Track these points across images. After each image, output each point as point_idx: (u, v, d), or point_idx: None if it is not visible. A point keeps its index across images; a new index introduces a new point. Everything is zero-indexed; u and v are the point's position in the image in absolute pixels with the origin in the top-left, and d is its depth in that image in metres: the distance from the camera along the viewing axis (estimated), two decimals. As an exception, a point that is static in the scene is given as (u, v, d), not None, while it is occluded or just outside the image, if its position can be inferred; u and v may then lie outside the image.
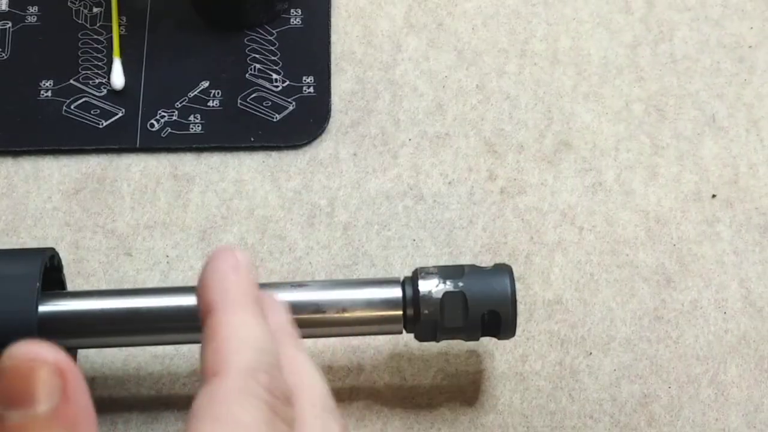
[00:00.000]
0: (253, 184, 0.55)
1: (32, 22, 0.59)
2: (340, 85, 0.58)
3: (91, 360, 0.51)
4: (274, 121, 0.57)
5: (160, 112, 0.57)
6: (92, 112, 0.57)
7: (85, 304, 0.47)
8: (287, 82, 0.58)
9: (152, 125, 0.57)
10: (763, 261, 0.54)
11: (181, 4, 0.59)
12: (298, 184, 0.55)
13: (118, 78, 0.57)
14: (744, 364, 0.52)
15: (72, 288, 0.52)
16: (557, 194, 0.55)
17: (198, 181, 0.55)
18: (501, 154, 0.56)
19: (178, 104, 0.57)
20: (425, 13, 0.60)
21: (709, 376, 0.51)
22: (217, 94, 0.57)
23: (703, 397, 0.51)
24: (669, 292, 0.53)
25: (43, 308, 0.46)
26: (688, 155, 0.56)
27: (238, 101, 0.57)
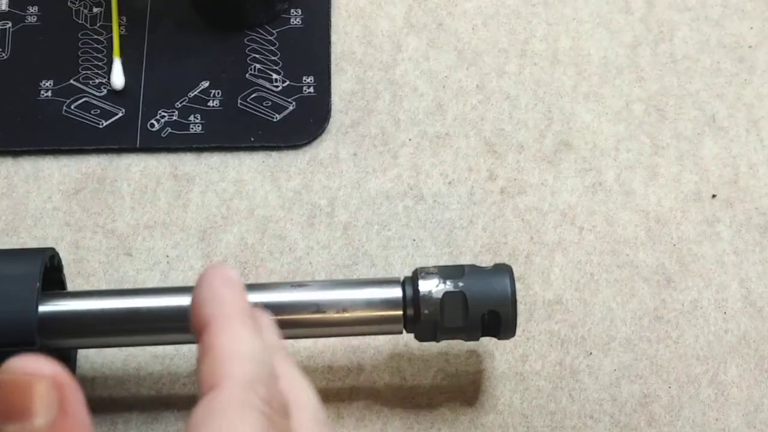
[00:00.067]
0: (253, 184, 0.55)
1: (32, 22, 0.59)
2: (340, 85, 0.58)
3: (91, 360, 0.51)
4: (274, 121, 0.57)
5: (160, 112, 0.57)
6: (92, 112, 0.57)
7: (85, 304, 0.47)
8: (287, 82, 0.58)
9: (152, 125, 0.57)
10: (763, 261, 0.54)
11: (181, 4, 0.59)
12: (298, 184, 0.55)
13: (118, 78, 0.57)
14: (744, 364, 0.52)
15: (72, 288, 0.52)
16: (557, 194, 0.55)
17: (198, 181, 0.55)
18: (501, 154, 0.56)
19: (178, 104, 0.57)
20: (425, 13, 0.60)
21: (709, 376, 0.51)
22: (217, 94, 0.57)
23: (703, 397, 0.51)
24: (669, 292, 0.53)
25: (43, 308, 0.46)
26: (688, 155, 0.56)
27: (238, 101, 0.57)
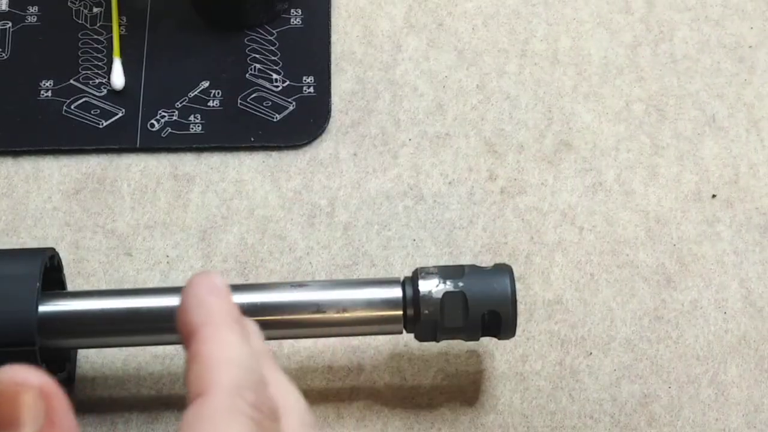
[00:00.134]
0: (253, 184, 0.55)
1: (32, 22, 0.59)
2: (340, 85, 0.58)
3: (91, 360, 0.51)
4: (274, 121, 0.57)
5: (160, 112, 0.57)
6: (92, 112, 0.57)
7: (85, 304, 0.47)
8: (287, 82, 0.58)
9: (152, 125, 0.57)
10: (763, 261, 0.54)
11: (181, 4, 0.59)
12: (298, 184, 0.55)
13: (118, 78, 0.57)
14: (744, 364, 0.52)
15: (72, 288, 0.52)
16: (557, 194, 0.55)
17: (198, 181, 0.55)
18: (501, 154, 0.56)
19: (178, 104, 0.57)
20: (425, 13, 0.60)
21: (709, 376, 0.51)
22: (217, 94, 0.57)
23: (703, 397, 0.51)
24: (669, 292, 0.53)
25: (43, 308, 0.46)
26: (689, 155, 0.56)
27: (238, 101, 0.57)
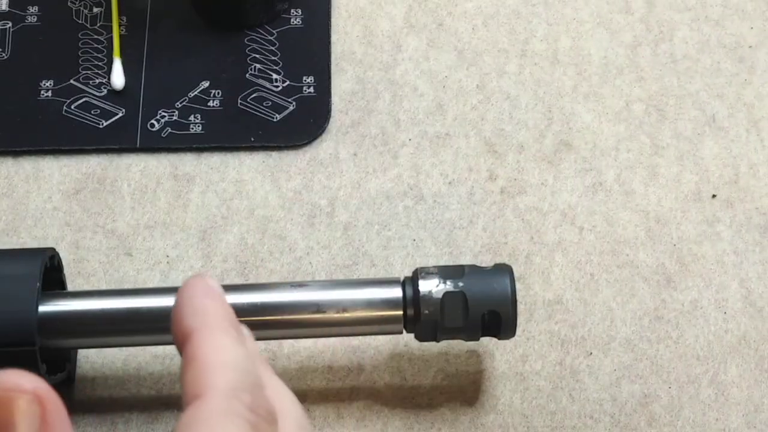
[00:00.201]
0: (253, 184, 0.55)
1: (32, 22, 0.59)
2: (341, 85, 0.58)
3: (91, 360, 0.51)
4: (275, 121, 0.57)
5: (160, 112, 0.57)
6: (92, 112, 0.57)
7: (85, 304, 0.47)
8: (287, 82, 0.58)
9: (152, 125, 0.57)
10: (763, 261, 0.54)
11: (181, 4, 0.59)
12: (298, 184, 0.55)
13: (118, 78, 0.57)
14: (744, 364, 0.52)
15: (72, 288, 0.52)
16: (557, 194, 0.55)
17: (198, 181, 0.55)
18: (501, 154, 0.56)
19: (178, 104, 0.57)
20: (425, 13, 0.60)
21: (710, 376, 0.51)
22: (218, 94, 0.57)
23: (703, 397, 0.51)
24: (669, 292, 0.53)
25: (43, 308, 0.46)
26: (689, 155, 0.56)
27: (238, 101, 0.57)
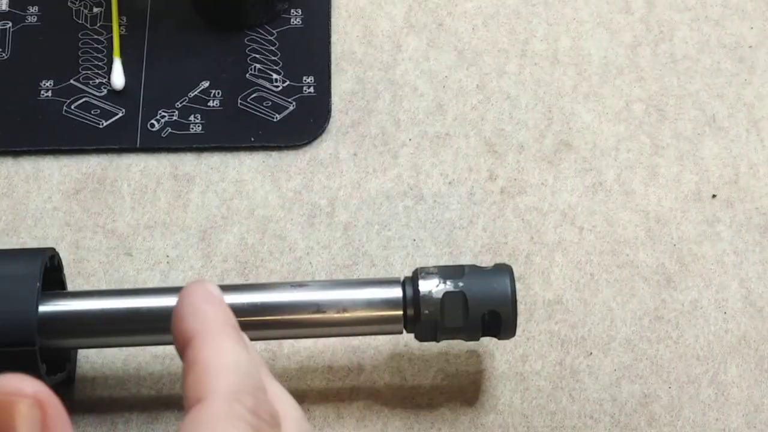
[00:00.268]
0: (253, 184, 0.55)
1: (32, 22, 0.59)
2: (341, 85, 0.58)
3: (91, 360, 0.51)
4: (275, 121, 0.57)
5: (160, 112, 0.57)
6: (92, 112, 0.57)
7: (85, 304, 0.47)
8: (287, 82, 0.58)
9: (152, 125, 0.57)
10: (763, 261, 0.54)
11: (181, 4, 0.59)
12: (298, 184, 0.55)
13: (118, 78, 0.57)
14: (744, 364, 0.52)
15: (72, 288, 0.52)
16: (557, 194, 0.55)
17: (198, 181, 0.55)
18: (501, 154, 0.56)
19: (178, 104, 0.57)
20: (425, 13, 0.60)
21: (710, 376, 0.51)
22: (218, 94, 0.57)
23: (703, 397, 0.51)
24: (669, 292, 0.53)
25: (43, 308, 0.46)
26: (689, 155, 0.56)
27: (239, 101, 0.57)
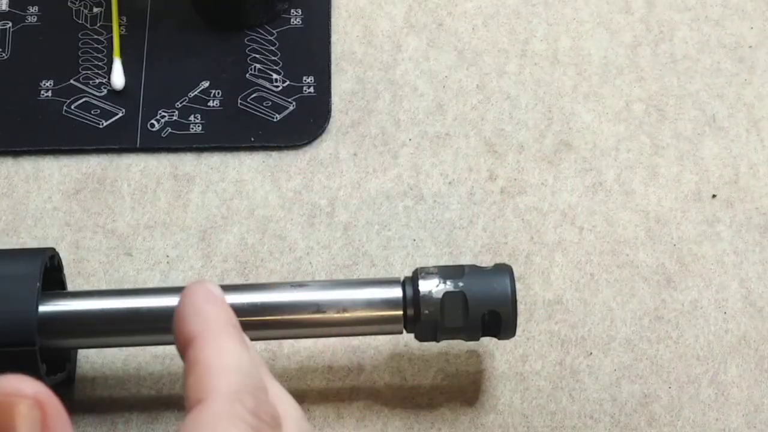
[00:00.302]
0: (253, 184, 0.55)
1: (32, 22, 0.59)
2: (341, 85, 0.58)
3: (91, 360, 0.51)
4: (275, 121, 0.57)
5: (160, 112, 0.57)
6: (92, 112, 0.57)
7: (85, 304, 0.47)
8: (287, 82, 0.58)
9: (152, 125, 0.57)
10: (763, 261, 0.54)
11: (181, 4, 0.59)
12: (298, 184, 0.55)
13: (118, 78, 0.57)
14: (744, 364, 0.52)
15: (72, 288, 0.52)
16: (557, 194, 0.55)
17: (198, 181, 0.55)
18: (501, 154, 0.56)
19: (178, 104, 0.57)
20: (425, 13, 0.60)
21: (710, 376, 0.51)
22: (218, 94, 0.57)
23: (703, 397, 0.51)
24: (669, 292, 0.53)
25: (43, 308, 0.46)
26: (689, 155, 0.56)
27: (239, 101, 0.57)
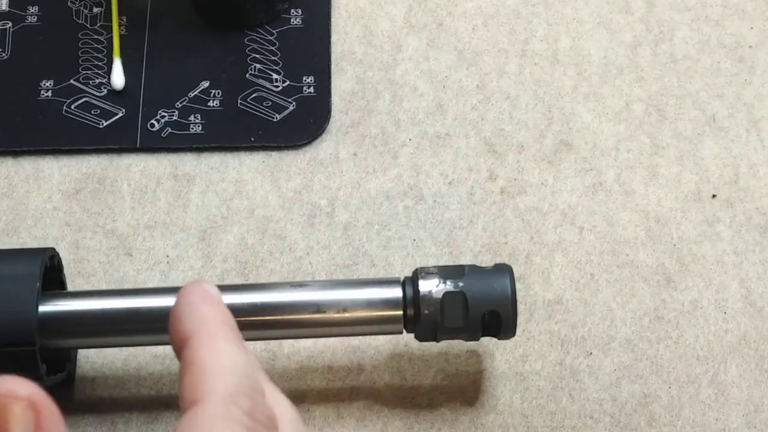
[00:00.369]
0: (253, 184, 0.55)
1: (32, 22, 0.59)
2: (341, 85, 0.58)
3: (91, 360, 0.51)
4: (275, 121, 0.57)
5: (160, 112, 0.57)
6: (92, 112, 0.57)
7: (85, 304, 0.47)
8: (287, 82, 0.58)
9: (152, 125, 0.57)
10: (763, 261, 0.54)
11: (181, 4, 0.59)
12: (298, 184, 0.55)
13: (118, 78, 0.57)
14: (744, 364, 0.52)
15: (72, 288, 0.52)
16: (557, 194, 0.55)
17: (198, 181, 0.55)
18: (501, 154, 0.56)
19: (178, 104, 0.57)
20: (425, 13, 0.60)
21: (710, 376, 0.51)
22: (218, 94, 0.57)
23: (703, 397, 0.51)
24: (669, 292, 0.53)
25: (43, 308, 0.46)
26: (689, 155, 0.56)
27: (239, 101, 0.57)
